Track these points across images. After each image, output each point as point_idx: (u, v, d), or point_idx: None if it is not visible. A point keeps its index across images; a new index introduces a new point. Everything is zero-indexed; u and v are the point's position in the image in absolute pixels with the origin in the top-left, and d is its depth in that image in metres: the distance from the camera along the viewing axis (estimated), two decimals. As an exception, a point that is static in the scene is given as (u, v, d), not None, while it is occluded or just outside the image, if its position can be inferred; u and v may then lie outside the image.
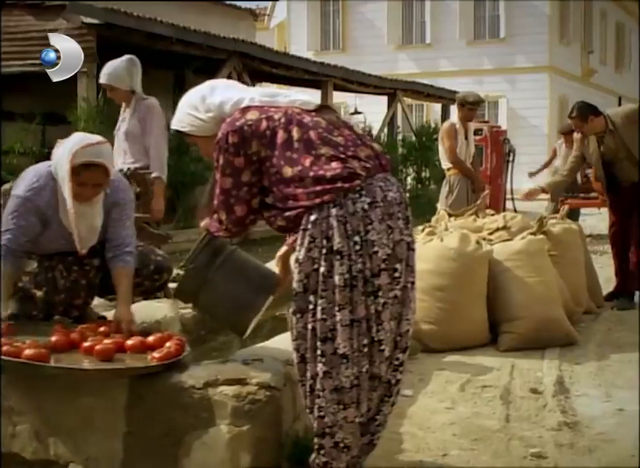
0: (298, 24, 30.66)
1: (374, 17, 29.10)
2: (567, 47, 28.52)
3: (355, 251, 2.73)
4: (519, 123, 25.93)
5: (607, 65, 33.43)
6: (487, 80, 27.05)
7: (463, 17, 27.82)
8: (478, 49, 27.69)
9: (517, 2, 26.93)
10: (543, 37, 26.97)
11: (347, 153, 2.83)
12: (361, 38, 29.34)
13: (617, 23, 34.59)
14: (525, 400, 4.30)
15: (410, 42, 29.25)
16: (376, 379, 2.85)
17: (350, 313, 2.74)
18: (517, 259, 5.47)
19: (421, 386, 4.47)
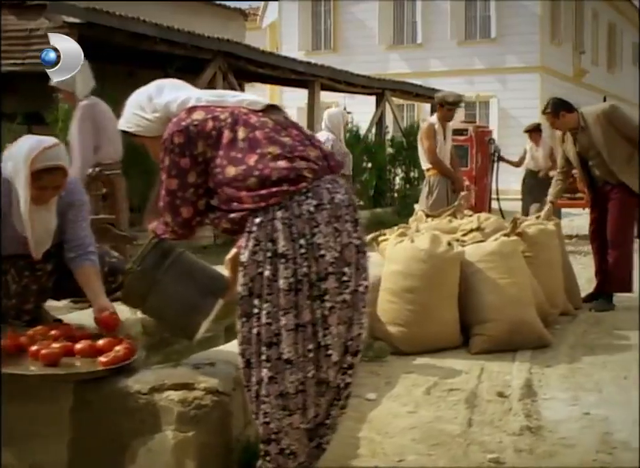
0: (290, 24, 30.62)
1: (366, 17, 29.05)
2: (558, 47, 28.49)
3: (300, 254, 2.68)
4: (510, 123, 25.87)
5: (599, 66, 33.42)
6: (478, 80, 27.04)
7: (454, 18, 27.77)
8: (469, 49, 27.64)
9: (508, 3, 26.89)
10: (534, 37, 26.92)
11: (295, 153, 2.77)
12: (353, 38, 29.30)
13: (609, 23, 34.58)
14: (491, 404, 4.25)
15: (401, 42, 29.19)
16: (323, 384, 2.79)
17: (295, 318, 2.69)
18: (489, 260, 5.42)
19: (387, 389, 4.41)
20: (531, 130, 12.24)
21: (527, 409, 4.15)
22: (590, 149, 6.86)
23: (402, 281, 5.20)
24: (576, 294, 7.06)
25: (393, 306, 5.21)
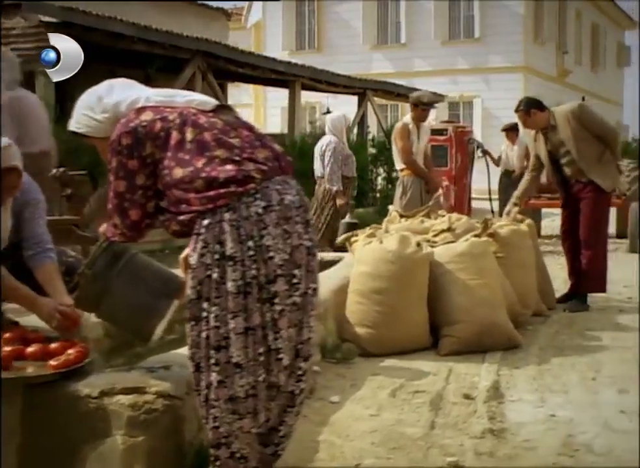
0: (274, 24, 30.57)
1: (350, 17, 29.03)
2: (542, 47, 28.53)
3: (249, 256, 2.64)
4: (493, 122, 25.79)
5: (583, 66, 33.48)
6: (462, 80, 27.06)
7: (438, 17, 27.77)
8: (453, 48, 27.64)
9: (491, 3, 26.91)
10: (517, 37, 26.95)
11: (243, 154, 2.74)
12: (337, 37, 29.26)
13: (593, 23, 34.65)
14: (456, 406, 4.22)
15: (385, 42, 29.17)
16: (274, 388, 2.76)
17: (245, 321, 2.65)
18: (459, 261, 5.39)
19: (352, 392, 4.37)
20: (508, 130, 12.25)
21: (492, 412, 4.12)
22: (561, 147, 6.88)
23: (370, 282, 5.17)
24: (550, 294, 7.04)
25: (361, 307, 5.18)
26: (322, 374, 4.64)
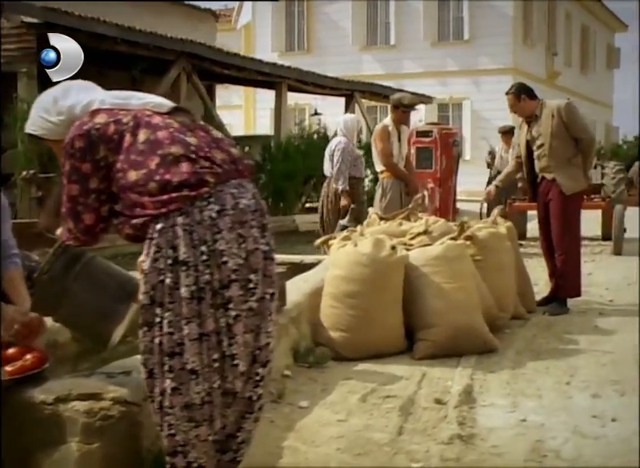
0: (263, 25, 30.55)
1: (339, 18, 29.02)
2: (531, 49, 28.55)
3: (202, 261, 2.60)
4: (483, 124, 25.93)
5: (572, 67, 33.52)
6: (451, 81, 27.06)
7: (427, 19, 27.77)
8: (442, 50, 27.65)
9: (480, 4, 26.93)
10: (507, 39, 26.97)
11: (199, 152, 2.70)
12: (326, 38, 29.25)
13: (582, 25, 34.70)
14: (427, 411, 4.18)
15: (374, 43, 29.17)
16: (230, 395, 2.72)
17: (199, 326, 2.61)
18: (434, 264, 5.35)
19: (322, 396, 4.33)
20: (504, 132, 12.26)
21: (462, 417, 4.08)
22: (537, 139, 6.88)
23: (344, 285, 5.13)
24: (530, 297, 7.01)
25: (335, 311, 5.14)
26: (293, 379, 4.60)
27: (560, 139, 6.75)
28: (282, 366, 4.65)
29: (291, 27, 30.47)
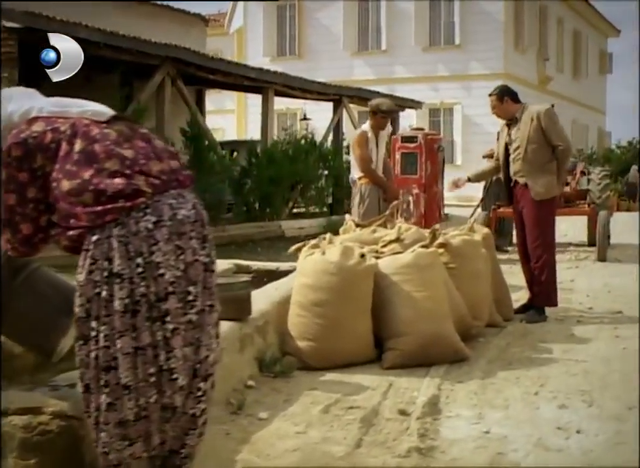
0: (255, 30, 30.52)
1: (330, 24, 28.99)
2: (522, 55, 28.54)
3: (137, 273, 2.54)
4: (474, 129, 25.90)
5: (565, 73, 33.51)
6: (442, 86, 27.03)
7: (418, 24, 27.74)
8: (433, 55, 27.63)
9: (472, 9, 26.92)
10: (498, 44, 26.96)
11: (134, 167, 2.64)
12: (318, 43, 29.22)
13: (574, 30, 34.70)
14: (390, 423, 4.11)
15: (365, 48, 29.15)
16: (169, 409, 2.65)
17: (134, 340, 2.55)
18: (404, 272, 5.29)
19: (283, 408, 4.26)
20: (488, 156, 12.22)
21: (425, 429, 4.01)
22: (515, 142, 6.84)
23: (311, 294, 5.06)
24: (507, 305, 6.96)
25: (302, 320, 5.07)
26: (257, 389, 4.53)
27: (537, 144, 6.71)
28: (246, 376, 4.59)
29: (282, 32, 30.44)
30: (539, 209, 6.77)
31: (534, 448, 3.79)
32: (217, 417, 3.97)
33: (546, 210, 6.80)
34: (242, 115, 31.56)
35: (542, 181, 6.73)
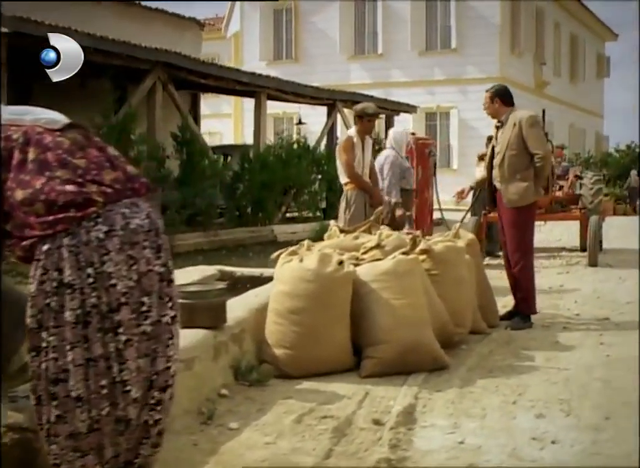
0: (251, 33, 30.52)
1: (327, 28, 28.98)
2: (519, 58, 28.51)
3: (88, 284, 2.50)
4: (470, 133, 25.83)
5: (562, 77, 33.48)
6: (439, 90, 27.00)
7: (414, 28, 27.73)
8: (429, 59, 27.61)
9: (468, 13, 26.90)
10: (494, 48, 26.94)
11: (86, 176, 2.59)
12: (314, 47, 29.22)
13: (571, 34, 34.67)
14: (363, 433, 4.05)
15: (362, 52, 29.14)
16: (122, 422, 2.60)
17: (85, 351, 2.51)
18: (383, 280, 5.23)
19: (256, 417, 4.20)
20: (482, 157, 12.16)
21: (397, 439, 3.95)
22: (497, 146, 6.81)
23: (288, 301, 5.01)
24: (493, 311, 6.91)
25: (279, 328, 5.02)
26: (231, 398, 4.48)
27: (516, 150, 6.66)
28: (220, 385, 4.54)
29: (279, 36, 30.43)
30: (515, 215, 6.73)
31: (508, 458, 3.74)
32: (187, 427, 3.93)
33: (523, 217, 6.75)
34: (239, 119, 31.52)
35: (515, 188, 6.67)
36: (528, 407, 4.52)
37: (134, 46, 11.98)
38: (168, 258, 2.69)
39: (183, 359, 4.10)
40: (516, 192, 6.70)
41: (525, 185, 6.70)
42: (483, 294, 6.73)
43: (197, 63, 13.37)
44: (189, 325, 4.58)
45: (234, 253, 12.72)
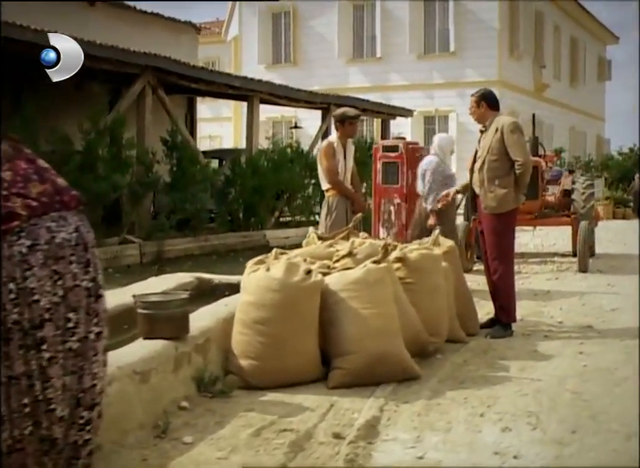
0: (250, 37, 30.49)
1: (325, 31, 28.94)
2: (518, 62, 28.40)
3: (10, 300, 2.42)
4: (468, 137, 25.66)
5: (562, 80, 33.37)
6: (437, 94, 26.92)
7: (413, 31, 27.64)
8: (428, 63, 27.53)
9: (467, 17, 26.82)
10: (492, 51, 26.84)
11: (11, 189, 2.52)
12: (313, 51, 29.17)
13: (572, 37, 34.56)
14: (322, 447, 3.97)
15: (360, 56, 29.07)
16: (47, 441, 2.53)
17: (7, 369, 2.43)
18: (353, 289, 5.15)
19: (213, 430, 4.12)
20: None
21: (356, 453, 3.87)
22: (480, 150, 6.75)
23: (253, 311, 4.93)
24: (473, 319, 6.83)
25: (244, 338, 4.95)
26: (191, 411, 4.40)
27: (496, 156, 6.58)
28: (180, 397, 4.46)
29: (277, 40, 30.38)
30: (495, 222, 6.65)
31: (466, 474, 3.66)
32: (140, 442, 3.86)
33: (502, 223, 6.66)
34: (238, 123, 31.46)
35: (495, 195, 6.60)
36: (495, 420, 4.44)
37: (122, 50, 11.91)
38: (97, 273, 2.62)
39: (139, 371, 4.06)
40: (493, 199, 6.63)
41: (504, 192, 6.62)
42: (462, 301, 6.65)
43: (187, 67, 13.29)
44: (150, 336, 4.53)
45: (224, 258, 12.65)
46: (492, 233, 6.68)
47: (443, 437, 4.17)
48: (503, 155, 6.57)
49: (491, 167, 6.63)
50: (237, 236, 13.96)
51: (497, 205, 6.62)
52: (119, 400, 3.80)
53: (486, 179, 6.66)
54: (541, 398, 4.86)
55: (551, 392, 4.97)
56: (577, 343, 6.46)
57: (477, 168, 6.73)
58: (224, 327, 5.10)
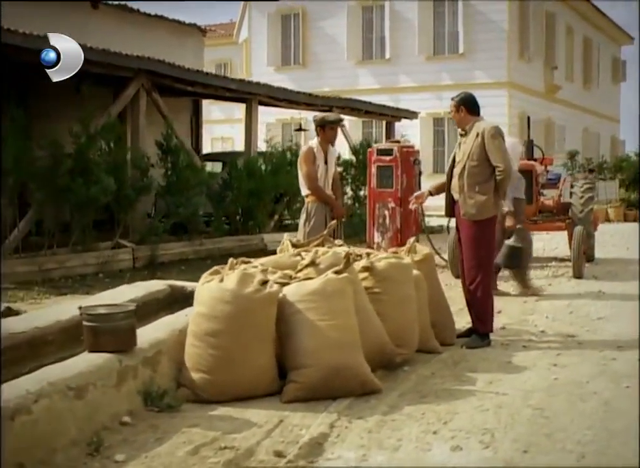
0: (259, 39, 30.45)
1: (335, 33, 28.83)
2: (528, 63, 28.16)
3: None
4: (478, 139, 25.55)
5: (574, 82, 33.07)
6: (446, 95, 26.59)
7: (422, 33, 27.47)
8: (437, 64, 27.35)
9: (476, 18, 26.62)
10: (502, 53, 26.63)
11: None
12: (322, 53, 29.08)
13: (584, 38, 34.25)
14: (260, 466, 3.85)
15: (369, 58, 28.92)
16: None
17: None
18: (310, 300, 5.02)
19: (150, 448, 3.99)
20: None
21: (294, 473, 3.75)
22: (459, 154, 6.61)
23: (205, 323, 4.81)
24: (449, 329, 6.69)
25: (196, 350, 4.82)
26: (132, 426, 4.28)
27: (477, 162, 6.44)
28: (122, 412, 4.34)
29: (286, 42, 30.28)
30: (474, 229, 6.50)
31: (403, 497, 3.53)
32: (69, 460, 3.76)
33: (482, 231, 6.49)
34: (249, 124, 31.42)
35: (473, 202, 6.45)
36: (447, 438, 4.30)
37: (115, 54, 11.83)
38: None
39: (73, 387, 3.94)
40: (473, 206, 6.48)
41: (484, 198, 6.47)
42: (438, 310, 6.51)
43: (182, 70, 13.19)
44: (95, 350, 4.42)
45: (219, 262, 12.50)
46: (470, 241, 6.52)
47: (390, 455, 4.05)
48: (483, 160, 6.43)
49: (471, 173, 6.49)
50: (233, 240, 13.85)
51: (476, 212, 6.47)
52: (47, 417, 3.70)
53: (466, 184, 6.51)
54: (501, 414, 4.71)
55: (513, 408, 4.82)
56: (554, 354, 6.30)
57: (457, 173, 6.59)
58: (180, 338, 4.98)
